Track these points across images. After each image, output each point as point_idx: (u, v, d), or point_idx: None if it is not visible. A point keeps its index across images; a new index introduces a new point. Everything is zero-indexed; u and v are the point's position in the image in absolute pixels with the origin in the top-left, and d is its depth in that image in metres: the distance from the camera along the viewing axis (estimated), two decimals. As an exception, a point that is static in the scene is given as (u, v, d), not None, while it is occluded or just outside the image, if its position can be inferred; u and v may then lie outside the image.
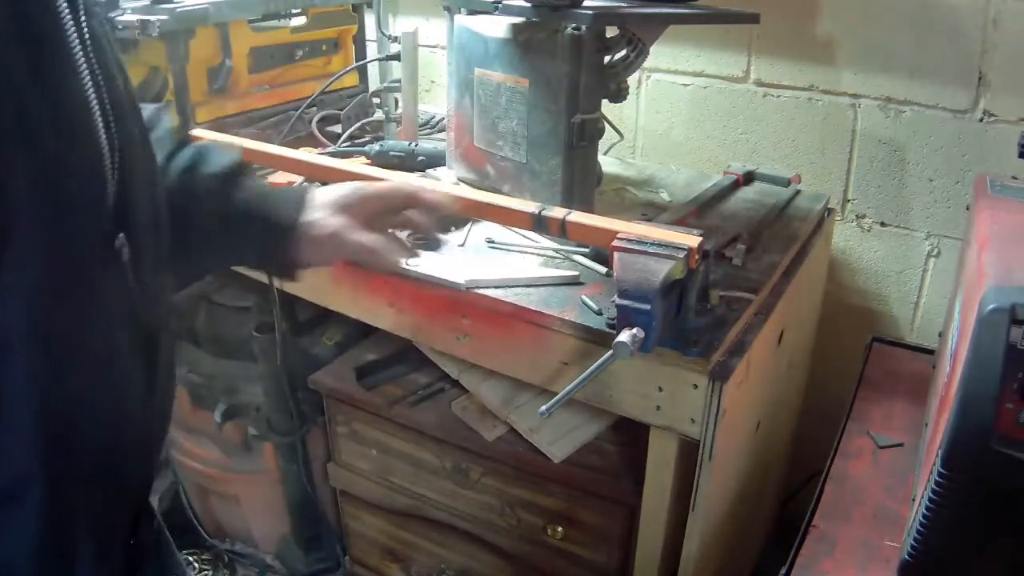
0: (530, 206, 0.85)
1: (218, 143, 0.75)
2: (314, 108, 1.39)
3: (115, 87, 0.54)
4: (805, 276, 1.08)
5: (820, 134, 1.34)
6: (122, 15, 1.09)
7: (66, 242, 0.49)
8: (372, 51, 1.57)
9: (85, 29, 0.50)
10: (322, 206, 0.73)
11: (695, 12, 1.14)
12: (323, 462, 1.32)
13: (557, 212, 0.84)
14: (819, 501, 0.90)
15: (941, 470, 0.63)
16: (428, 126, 1.51)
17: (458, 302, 0.94)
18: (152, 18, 1.09)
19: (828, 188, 1.34)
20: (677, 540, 0.91)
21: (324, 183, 1.15)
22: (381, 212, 0.75)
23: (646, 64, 1.15)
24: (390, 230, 0.77)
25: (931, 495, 0.65)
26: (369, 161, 1.25)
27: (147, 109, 0.72)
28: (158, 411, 0.62)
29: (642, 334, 0.72)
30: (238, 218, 0.71)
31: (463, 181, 1.18)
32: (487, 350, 0.95)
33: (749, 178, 1.29)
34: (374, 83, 1.55)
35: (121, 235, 0.54)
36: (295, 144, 1.28)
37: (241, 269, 0.93)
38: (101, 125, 0.51)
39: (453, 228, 1.07)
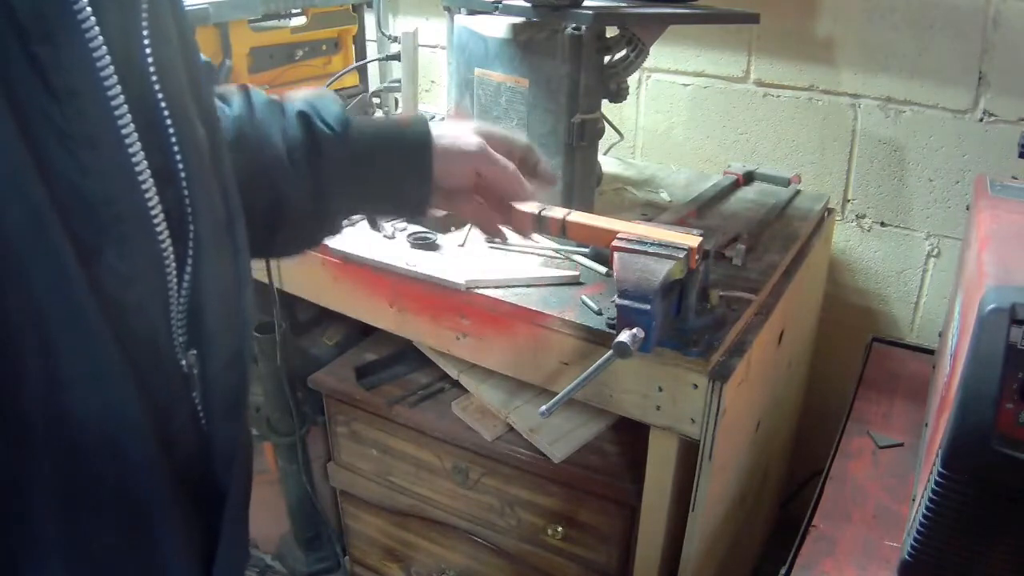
0: (530, 206, 0.85)
1: (321, 95, 0.69)
2: (314, 108, 1.38)
3: (191, 147, 0.42)
4: (805, 276, 1.08)
5: (820, 134, 1.34)
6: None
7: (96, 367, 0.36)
8: (372, 51, 1.57)
9: (152, 70, 0.39)
10: (454, 126, 0.71)
11: (695, 12, 1.14)
12: (323, 462, 1.32)
13: (557, 212, 0.84)
14: (819, 501, 0.90)
15: (941, 470, 0.63)
16: (428, 126, 1.51)
17: (458, 302, 0.94)
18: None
19: (828, 188, 1.34)
20: (677, 540, 0.91)
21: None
22: (504, 152, 0.73)
23: (646, 64, 1.15)
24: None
25: (931, 495, 0.65)
26: (369, 161, 1.25)
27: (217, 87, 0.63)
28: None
29: (642, 334, 0.72)
30: (366, 157, 0.67)
31: (463, 181, 1.18)
32: (487, 350, 0.95)
33: (749, 178, 1.29)
34: (374, 83, 1.55)
35: (193, 353, 0.44)
36: (295, 144, 1.28)
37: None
38: (159, 207, 0.40)
39: (453, 228, 1.07)
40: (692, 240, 0.77)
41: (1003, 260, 0.66)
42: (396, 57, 1.35)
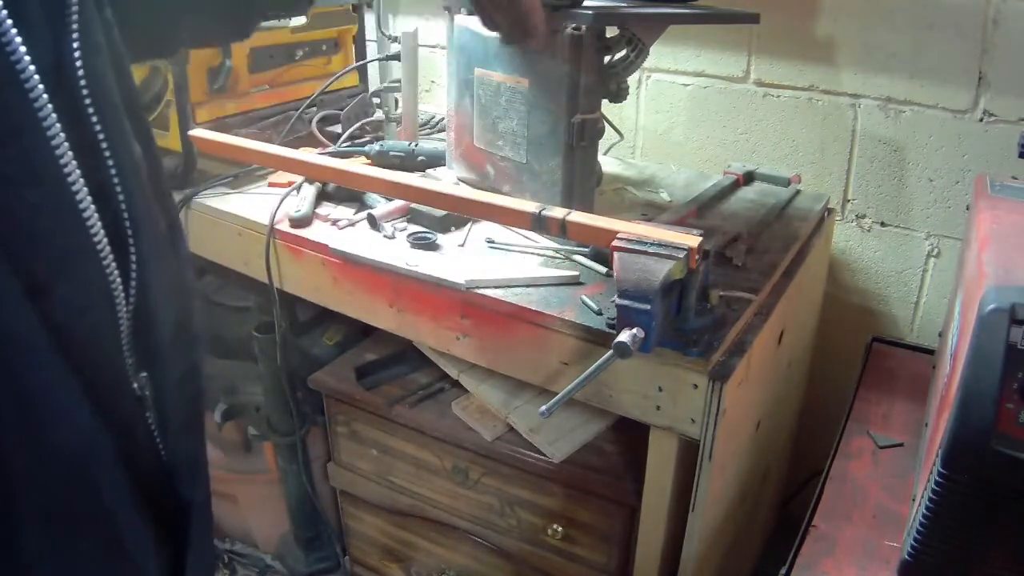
0: (530, 206, 0.85)
1: None
2: (314, 108, 1.39)
3: (128, 165, 0.41)
4: (805, 276, 1.08)
5: (820, 134, 1.34)
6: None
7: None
8: (372, 51, 1.57)
9: (83, 85, 0.38)
10: None
11: (695, 12, 1.14)
12: (323, 462, 1.32)
13: (557, 212, 0.84)
14: (819, 501, 0.90)
15: (941, 470, 0.63)
16: (428, 126, 1.51)
17: (458, 302, 0.94)
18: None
19: (828, 188, 1.34)
20: (677, 540, 0.91)
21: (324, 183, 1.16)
22: None
23: (646, 64, 1.15)
24: None
25: (931, 495, 0.65)
26: (369, 161, 1.25)
27: None
28: None
29: (642, 334, 0.72)
30: None
31: (463, 181, 1.18)
32: (487, 350, 0.95)
33: (749, 178, 1.29)
34: (374, 83, 1.55)
35: (144, 375, 0.44)
36: (295, 144, 1.29)
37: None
38: (103, 234, 0.39)
39: (453, 228, 1.07)
40: (692, 240, 0.77)
41: (1003, 260, 0.66)
42: (396, 57, 1.35)
